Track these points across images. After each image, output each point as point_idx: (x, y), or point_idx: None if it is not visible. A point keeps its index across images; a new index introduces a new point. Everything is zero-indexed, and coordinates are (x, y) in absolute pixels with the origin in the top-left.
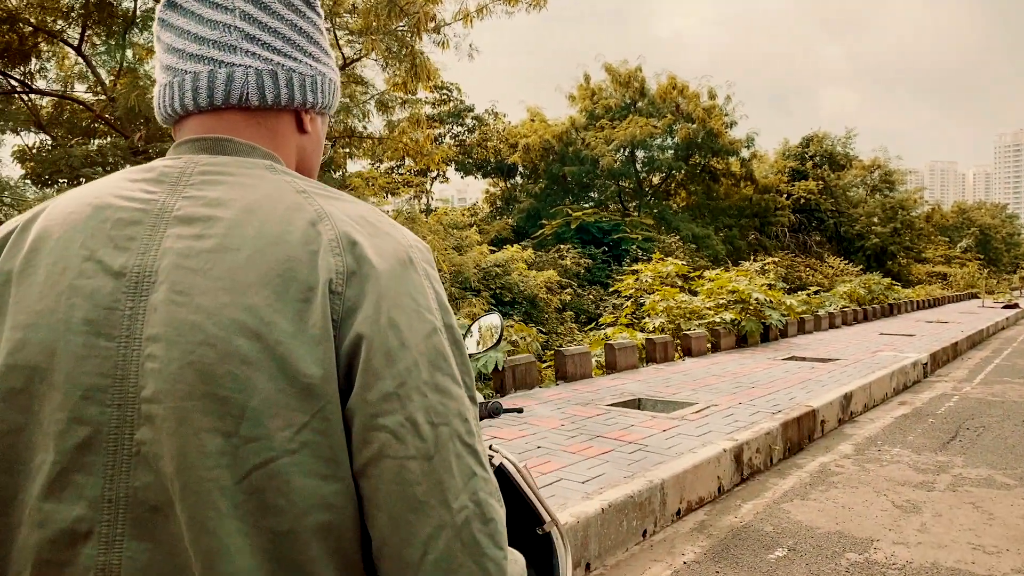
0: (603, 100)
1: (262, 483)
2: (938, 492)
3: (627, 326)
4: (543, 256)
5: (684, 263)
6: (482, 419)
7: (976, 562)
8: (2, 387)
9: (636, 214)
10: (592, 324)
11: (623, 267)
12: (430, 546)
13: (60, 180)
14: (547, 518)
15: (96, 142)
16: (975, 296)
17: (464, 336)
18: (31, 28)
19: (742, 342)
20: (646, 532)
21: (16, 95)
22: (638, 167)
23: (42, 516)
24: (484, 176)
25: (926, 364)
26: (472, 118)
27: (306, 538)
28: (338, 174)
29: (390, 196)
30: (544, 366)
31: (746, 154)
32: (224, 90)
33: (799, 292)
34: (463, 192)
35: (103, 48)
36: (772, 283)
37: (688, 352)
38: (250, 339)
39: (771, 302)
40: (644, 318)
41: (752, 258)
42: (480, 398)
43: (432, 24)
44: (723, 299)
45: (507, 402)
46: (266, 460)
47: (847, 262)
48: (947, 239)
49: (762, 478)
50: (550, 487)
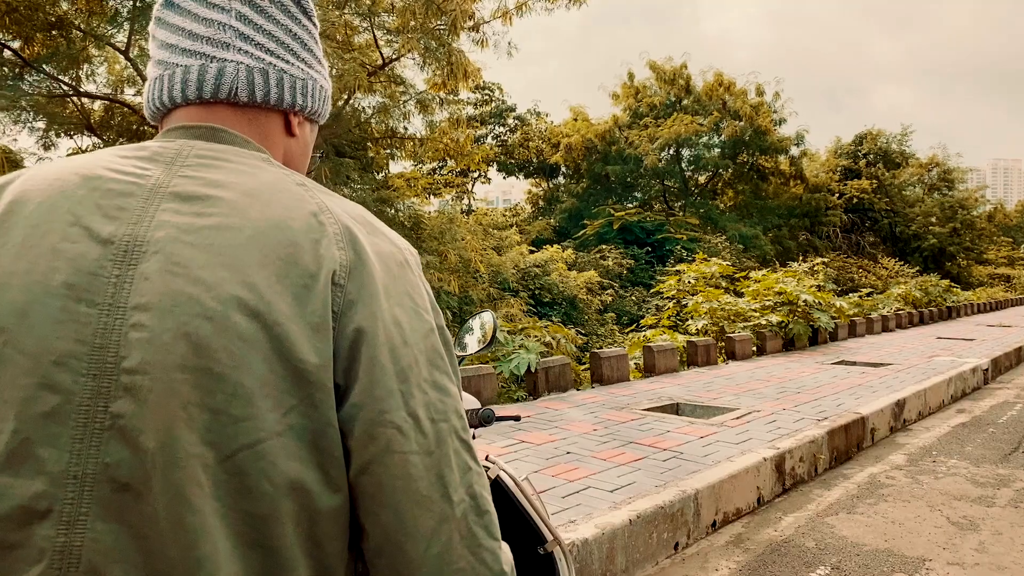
0: (647, 98)
1: (246, 464)
2: (998, 508)
3: (670, 328)
4: (584, 257)
5: (730, 264)
6: (472, 427)
7: None
8: None
9: (681, 214)
10: (633, 326)
11: (667, 268)
12: (433, 540)
13: None
14: (549, 536)
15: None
16: None
17: (464, 334)
18: (80, 33)
19: (789, 345)
20: (678, 545)
21: (67, 99)
22: (683, 166)
23: None
24: (526, 177)
25: (987, 370)
26: (514, 118)
27: (282, 522)
28: (380, 175)
29: (432, 197)
30: (582, 368)
31: (796, 152)
32: (214, 84)
33: (850, 294)
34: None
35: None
36: (822, 284)
37: (732, 355)
38: (248, 317)
39: (820, 304)
40: (686, 320)
41: (801, 259)
42: (476, 403)
43: (470, 22)
44: (769, 301)
45: (541, 404)
46: (254, 441)
47: (902, 263)
48: (1011, 239)
49: (805, 489)
50: (576, 495)
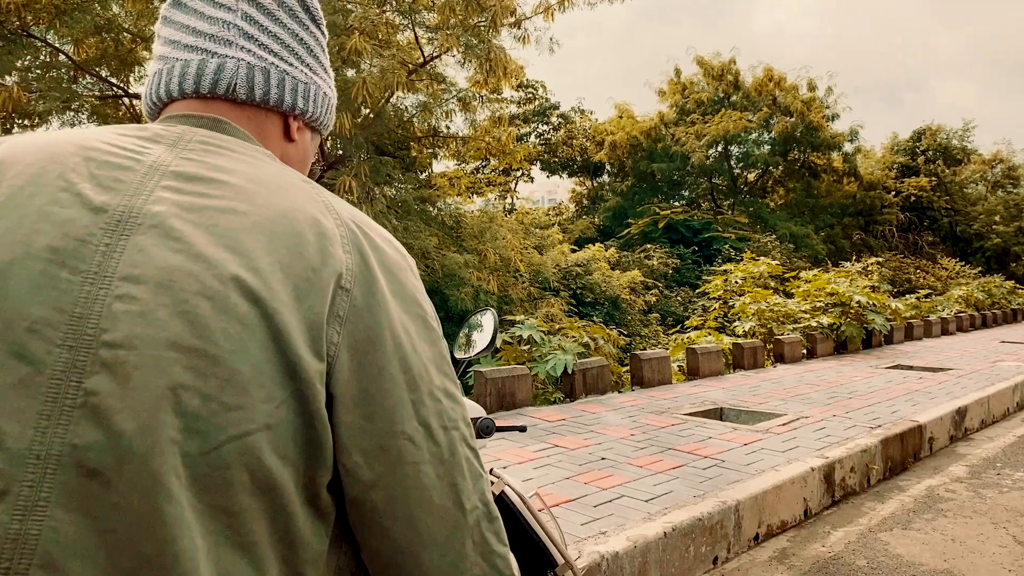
0: (694, 94)
1: (231, 457)
2: None
3: (716, 330)
4: (628, 256)
5: (779, 263)
6: None
7: None
8: None
9: (730, 212)
10: (678, 327)
11: (714, 268)
12: (447, 548)
13: None
14: (559, 559)
15: None
16: None
17: (464, 336)
18: (128, 35)
19: (841, 348)
20: (717, 559)
21: (119, 100)
22: (732, 163)
23: None
24: (570, 175)
25: None
26: (557, 116)
27: (258, 522)
28: (424, 175)
29: (475, 196)
30: (623, 370)
31: (849, 148)
32: (213, 79)
33: (907, 295)
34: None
35: None
36: (876, 285)
37: (780, 358)
38: (249, 301)
39: (875, 305)
40: (733, 321)
41: (855, 259)
42: (480, 411)
43: (511, 18)
44: (820, 302)
45: (577, 407)
46: (242, 433)
47: (963, 264)
48: None
49: (856, 501)
50: (608, 505)
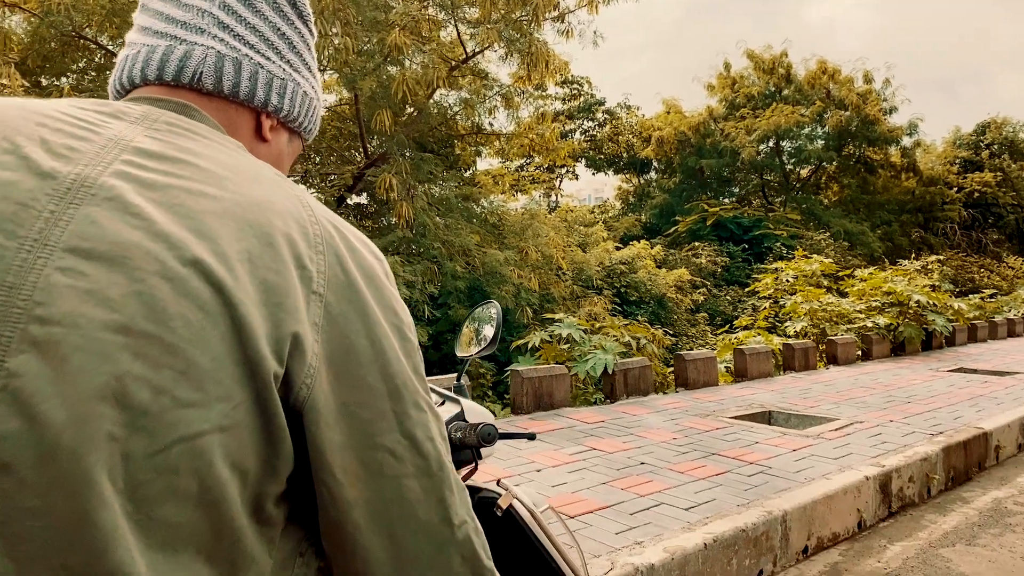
0: (744, 88)
1: (180, 461)
2: None
3: (766, 330)
4: (675, 254)
5: (833, 261)
6: (465, 447)
7: None
8: None
9: (781, 210)
10: (726, 327)
11: (765, 266)
12: (433, 565)
13: None
14: None
15: None
16: None
17: (476, 328)
18: None
19: (898, 350)
20: (762, 573)
21: None
22: (783, 159)
23: None
24: (616, 172)
25: None
26: (603, 112)
27: (201, 535)
28: (468, 172)
29: (519, 194)
30: (668, 371)
31: (908, 143)
32: (178, 65)
33: (970, 296)
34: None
35: None
36: (936, 284)
37: (833, 360)
38: (212, 288)
39: (935, 305)
40: (784, 322)
41: (913, 257)
42: (487, 415)
43: (555, 12)
44: (877, 301)
45: (617, 409)
46: (195, 433)
47: None
48: None
49: (916, 514)
50: (646, 512)
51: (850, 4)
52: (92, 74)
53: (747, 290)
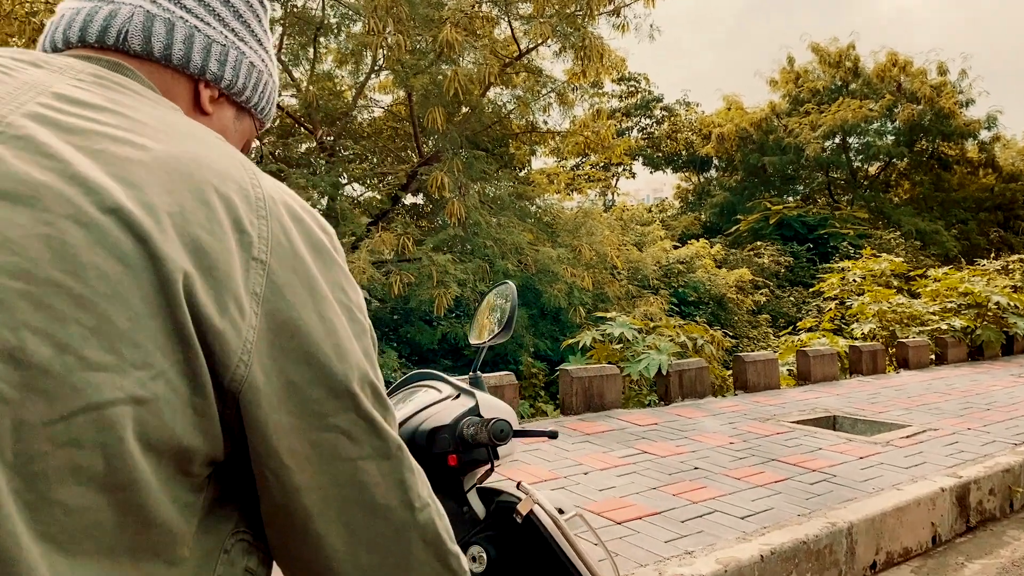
0: (808, 83)
1: (84, 433)
2: None
3: (831, 332)
4: (736, 254)
5: (904, 261)
6: (477, 445)
7: None
8: None
9: (848, 208)
10: (789, 328)
11: (830, 266)
12: (392, 550)
13: None
14: None
15: (304, 145)
16: None
17: (495, 313)
18: None
19: (976, 354)
20: None
21: None
22: (851, 155)
23: None
24: (674, 171)
25: None
26: (661, 109)
27: (104, 522)
28: (523, 172)
29: (574, 193)
30: (727, 374)
31: (986, 137)
32: (102, 25)
33: None
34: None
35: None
36: (1019, 285)
37: (904, 363)
38: (135, 239)
39: (1017, 307)
40: (850, 323)
41: (993, 256)
42: (505, 410)
43: (610, 6)
44: (952, 303)
45: (672, 411)
46: (104, 402)
47: None
48: None
49: (996, 529)
50: (698, 520)
51: None
52: None
53: (811, 290)
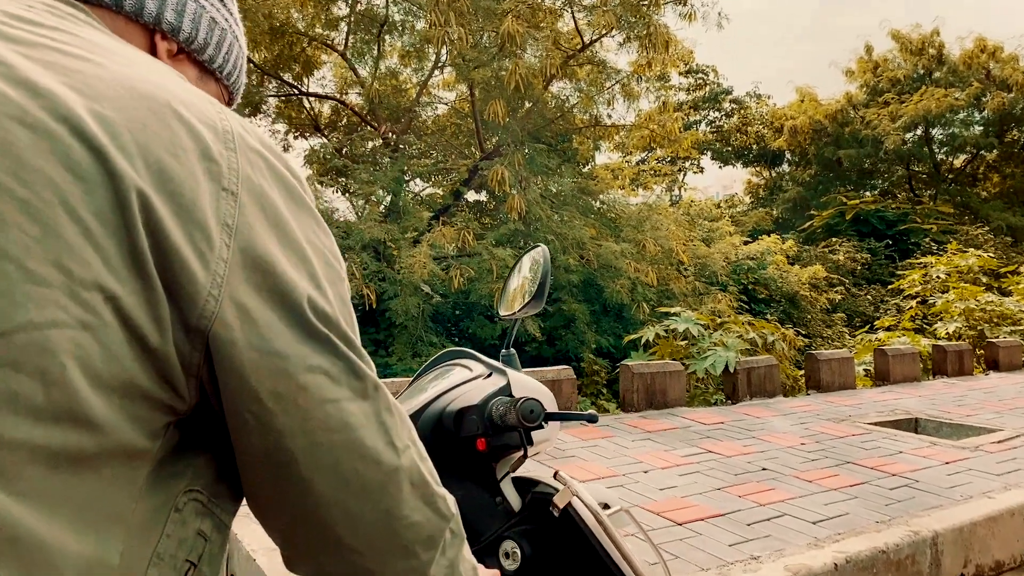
0: (888, 72)
1: (21, 354)
2: None
3: (915, 331)
4: (810, 250)
5: (993, 257)
6: (507, 428)
7: None
8: None
9: (931, 203)
10: (866, 328)
11: (911, 262)
12: (382, 495)
13: (340, 179)
14: None
15: (369, 143)
16: None
17: (512, 284)
18: (306, 38)
19: None
20: None
21: (301, 103)
22: (933, 147)
23: None
24: (744, 165)
25: None
26: (730, 102)
27: (41, 466)
28: (586, 167)
29: (639, 188)
30: (799, 373)
31: None
32: None
33: None
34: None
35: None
36: None
37: (993, 365)
38: (90, 152)
39: None
40: (933, 323)
41: None
42: (541, 391)
43: None
44: None
45: (739, 410)
46: (45, 322)
47: None
48: None
49: None
50: (765, 524)
51: None
52: None
53: (890, 288)
